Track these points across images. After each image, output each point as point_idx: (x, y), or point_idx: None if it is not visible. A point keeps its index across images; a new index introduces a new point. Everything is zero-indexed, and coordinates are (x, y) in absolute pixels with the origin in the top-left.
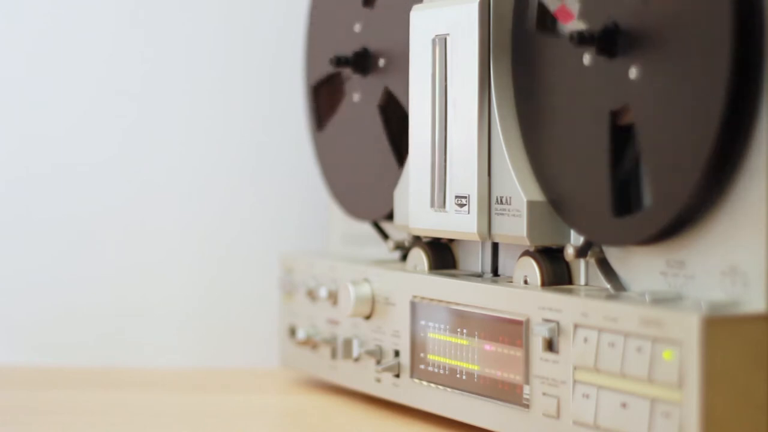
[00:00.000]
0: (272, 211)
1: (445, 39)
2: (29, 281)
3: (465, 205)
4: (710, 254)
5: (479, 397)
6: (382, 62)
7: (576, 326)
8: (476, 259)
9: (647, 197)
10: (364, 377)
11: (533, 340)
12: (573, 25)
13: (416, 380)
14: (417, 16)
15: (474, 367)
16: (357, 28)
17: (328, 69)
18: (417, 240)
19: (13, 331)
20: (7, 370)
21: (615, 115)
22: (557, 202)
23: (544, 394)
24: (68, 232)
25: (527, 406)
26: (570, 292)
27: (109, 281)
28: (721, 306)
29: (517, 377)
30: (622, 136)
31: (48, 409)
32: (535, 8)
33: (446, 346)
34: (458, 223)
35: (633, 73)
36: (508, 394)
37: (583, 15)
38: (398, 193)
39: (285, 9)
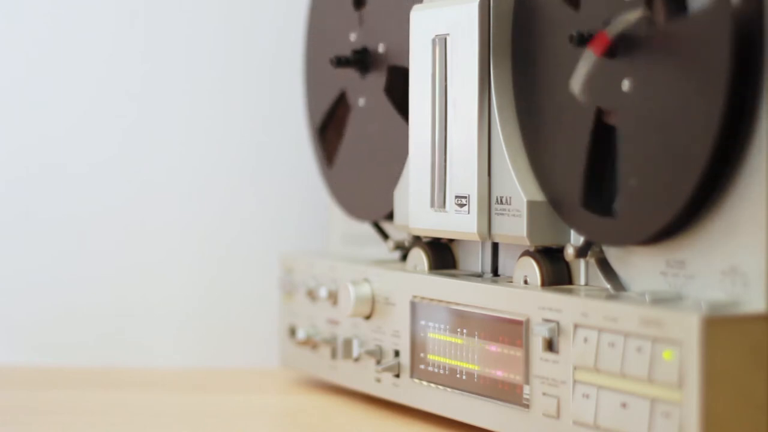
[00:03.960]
0: (272, 211)
1: (445, 39)
2: (29, 281)
3: (465, 205)
4: (710, 254)
5: (479, 397)
6: (381, 47)
7: (576, 326)
8: (476, 259)
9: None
10: (364, 377)
11: (533, 340)
12: (570, 33)
13: (416, 380)
14: (417, 16)
15: (474, 367)
16: (353, 37)
17: (329, 102)
18: (417, 240)
19: (13, 331)
20: (7, 370)
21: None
22: (557, 202)
23: (544, 394)
24: (68, 232)
25: (527, 406)
26: (570, 292)
27: (109, 281)
28: (721, 306)
29: (517, 377)
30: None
31: (48, 409)
32: (536, 9)
33: (446, 346)
34: (458, 223)
35: (625, 85)
36: (508, 394)
37: (579, 20)
38: (398, 193)
39: (285, 9)
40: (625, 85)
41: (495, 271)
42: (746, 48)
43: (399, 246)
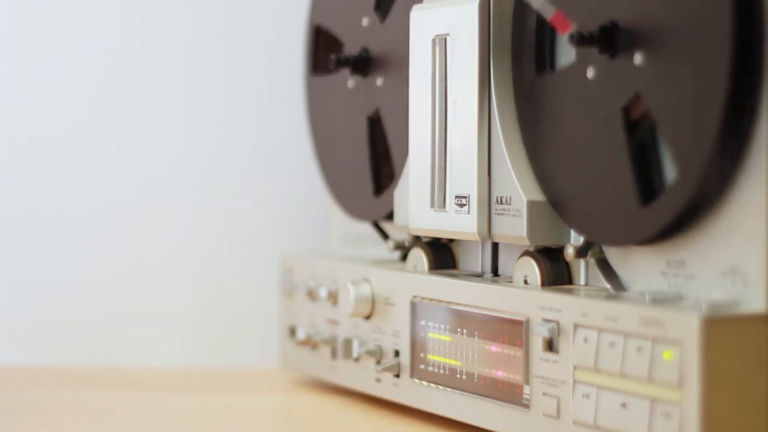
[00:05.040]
0: (272, 211)
1: (445, 39)
2: (28, 280)
3: (465, 205)
4: (710, 254)
5: (479, 397)
6: (365, 21)
7: (576, 326)
8: (476, 259)
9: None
10: (364, 377)
11: (533, 340)
12: (570, 32)
13: (416, 380)
14: (417, 16)
15: (474, 367)
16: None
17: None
18: (417, 240)
19: (13, 331)
20: (7, 370)
21: (627, 111)
22: (557, 202)
23: (544, 394)
24: (68, 231)
25: (527, 406)
26: (570, 292)
27: (108, 280)
28: (721, 306)
29: (517, 377)
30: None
31: (48, 409)
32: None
33: (446, 346)
34: (458, 223)
35: (638, 59)
36: (508, 394)
37: (580, 18)
38: (398, 193)
39: (285, 9)
40: (624, 87)
41: (495, 271)
42: (746, 47)
43: (399, 246)
